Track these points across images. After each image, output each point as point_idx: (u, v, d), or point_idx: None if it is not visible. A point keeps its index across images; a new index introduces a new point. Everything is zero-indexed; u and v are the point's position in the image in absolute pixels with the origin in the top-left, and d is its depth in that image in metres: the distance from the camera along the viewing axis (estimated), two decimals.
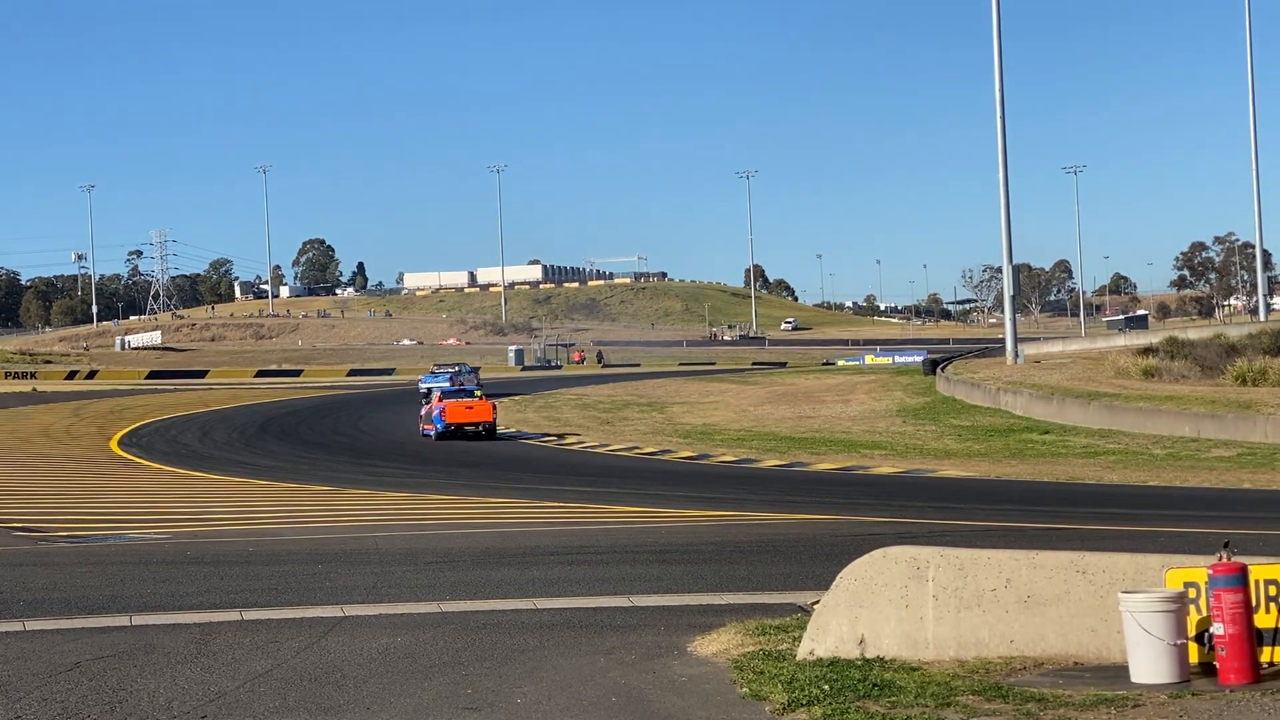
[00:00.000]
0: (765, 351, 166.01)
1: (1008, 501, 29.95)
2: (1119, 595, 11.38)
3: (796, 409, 61.30)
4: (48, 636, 14.00)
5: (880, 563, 12.39)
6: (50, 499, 31.59)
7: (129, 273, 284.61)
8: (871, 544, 14.01)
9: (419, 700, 11.37)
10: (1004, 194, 73.23)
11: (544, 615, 15.17)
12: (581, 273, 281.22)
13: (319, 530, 25.19)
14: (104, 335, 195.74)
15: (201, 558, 20.57)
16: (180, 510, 29.02)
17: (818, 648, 12.26)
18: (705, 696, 11.31)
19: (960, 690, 10.93)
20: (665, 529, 25.04)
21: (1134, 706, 10.42)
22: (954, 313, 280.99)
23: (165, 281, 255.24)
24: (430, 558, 20.53)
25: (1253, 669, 11.01)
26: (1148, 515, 26.00)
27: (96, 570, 19.31)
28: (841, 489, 33.66)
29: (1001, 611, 12.04)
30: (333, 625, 14.57)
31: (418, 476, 37.27)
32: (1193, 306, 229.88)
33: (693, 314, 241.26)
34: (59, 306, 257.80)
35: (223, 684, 11.90)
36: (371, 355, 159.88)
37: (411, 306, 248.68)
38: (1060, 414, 50.81)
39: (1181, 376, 60.59)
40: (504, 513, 28.26)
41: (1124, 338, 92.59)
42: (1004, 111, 73.06)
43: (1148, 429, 45.54)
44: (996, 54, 72.66)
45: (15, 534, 24.39)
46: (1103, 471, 36.99)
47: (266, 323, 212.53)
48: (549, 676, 12.09)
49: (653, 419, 60.41)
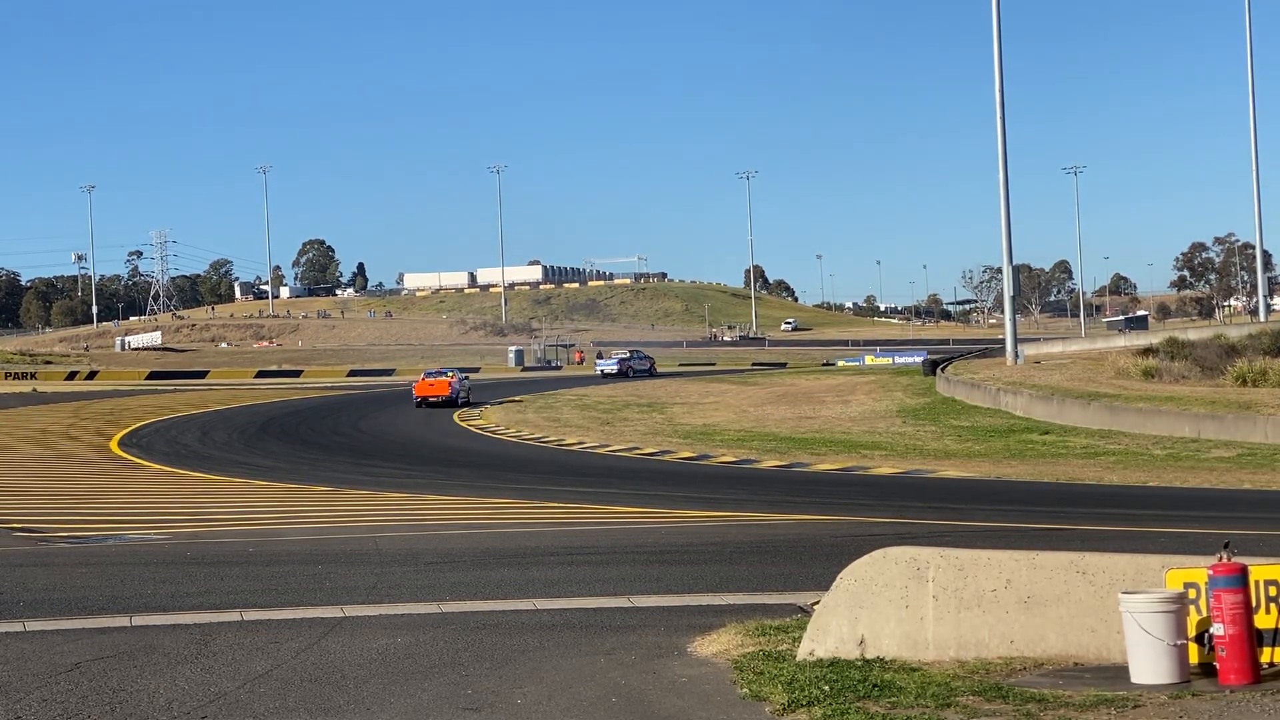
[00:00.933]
0: (765, 352, 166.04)
1: (1007, 502, 29.95)
2: (1119, 596, 11.38)
3: (796, 409, 61.27)
4: (48, 637, 14.00)
5: (880, 563, 12.39)
6: (50, 499, 31.59)
7: (129, 273, 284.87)
8: (872, 544, 14.01)
9: (419, 700, 11.37)
10: (1004, 194, 73.24)
11: (544, 616, 15.17)
12: (581, 273, 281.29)
13: (319, 530, 25.20)
14: (104, 336, 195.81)
15: (201, 558, 20.57)
16: (180, 511, 29.02)
17: (818, 648, 12.26)
18: (705, 697, 11.31)
19: (960, 691, 10.93)
20: (665, 529, 25.04)
21: (1134, 707, 10.42)
22: (954, 313, 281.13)
23: (165, 282, 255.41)
24: (430, 558, 20.53)
25: (1253, 669, 11.02)
26: (1148, 516, 26.00)
27: (96, 571, 19.31)
28: (841, 489, 33.64)
29: (1002, 612, 12.04)
30: (333, 626, 14.57)
31: (417, 477, 37.26)
32: (1193, 307, 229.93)
33: (693, 314, 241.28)
34: (59, 307, 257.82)
35: (223, 684, 11.90)
36: (371, 356, 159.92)
37: (412, 307, 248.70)
38: (1060, 414, 50.80)
39: (1181, 377, 60.57)
40: (504, 513, 28.25)
41: (1124, 338, 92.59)
42: (1004, 112, 73.08)
43: (1148, 429, 45.52)
44: (996, 54, 72.69)
45: (16, 534, 24.40)
46: (1103, 472, 36.97)
47: (267, 323, 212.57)
48: (549, 677, 12.09)
49: (653, 419, 60.38)
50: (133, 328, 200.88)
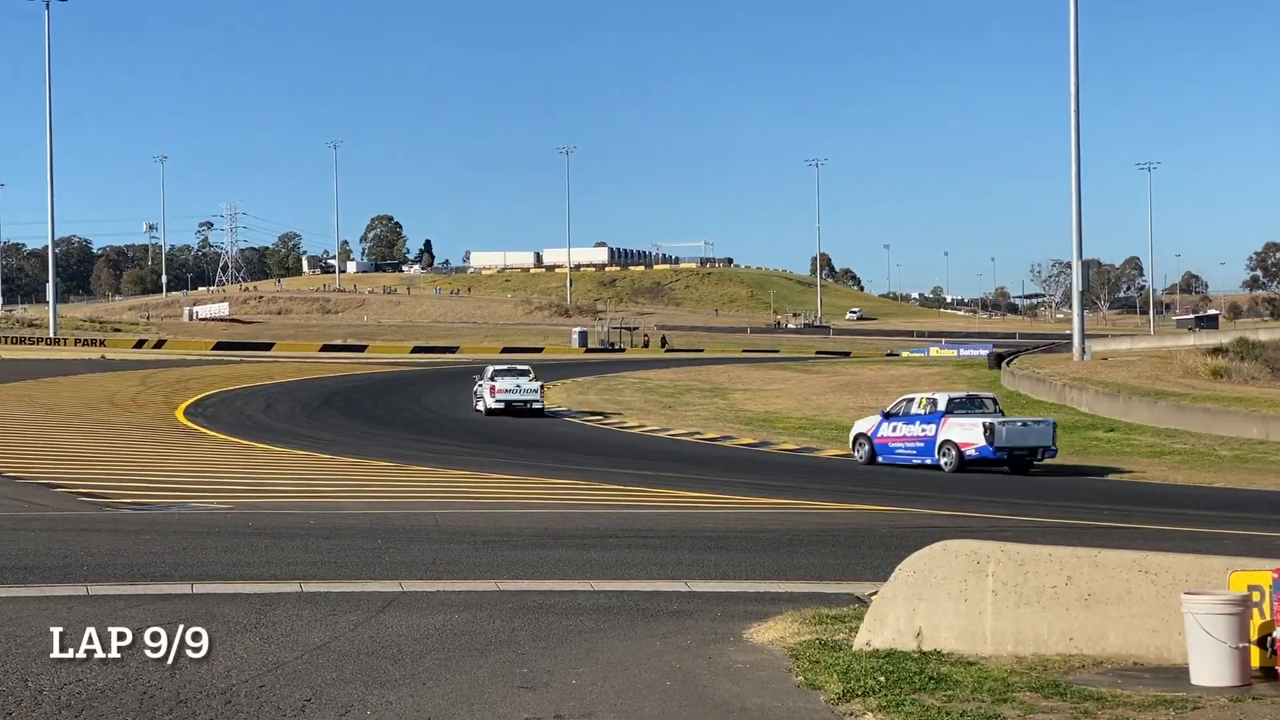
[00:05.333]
0: (829, 340, 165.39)
1: (1070, 499, 29.72)
2: (1181, 596, 11.26)
3: (859, 399, 61.02)
4: (110, 601, 14.15)
5: (940, 556, 12.32)
6: (115, 466, 31.94)
7: (199, 244, 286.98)
8: (931, 537, 13.94)
9: (475, 677, 11.40)
10: (1075, 189, 72.58)
11: (600, 597, 15.18)
12: (647, 256, 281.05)
13: (379, 505, 25.35)
14: (172, 305, 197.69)
15: (262, 529, 20.73)
16: (243, 481, 29.27)
17: (874, 639, 12.20)
18: (760, 684, 11.29)
19: (1017, 686, 10.85)
20: (724, 515, 25.03)
21: (1193, 709, 10.31)
22: (1021, 307, 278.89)
23: (234, 254, 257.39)
24: (488, 535, 20.61)
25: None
26: (1212, 517, 25.74)
27: (159, 538, 19.50)
28: (902, 481, 33.51)
29: (1061, 609, 11.94)
30: (390, 600, 14.64)
31: (477, 454, 37.40)
32: (1265, 307, 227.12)
33: (757, 301, 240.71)
34: (129, 276, 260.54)
35: (281, 654, 11.99)
36: (436, 333, 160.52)
37: (477, 285, 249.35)
38: (1126, 412, 50.35)
39: (1251, 378, 59.90)
40: (562, 493, 28.32)
41: (1193, 337, 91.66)
42: (1078, 105, 72.39)
43: (1214, 430, 45.04)
44: (1073, 52, 72.02)
45: (81, 499, 24.70)
46: (1168, 471, 36.64)
47: (333, 298, 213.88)
48: (604, 658, 12.10)
49: (714, 405, 60.35)
50: (200, 298, 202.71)
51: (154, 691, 10.61)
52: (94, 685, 10.72)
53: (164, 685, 10.80)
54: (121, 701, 10.34)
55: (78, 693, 10.53)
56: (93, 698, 10.42)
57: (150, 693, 10.57)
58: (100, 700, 10.36)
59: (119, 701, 10.33)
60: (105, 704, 10.28)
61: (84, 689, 10.62)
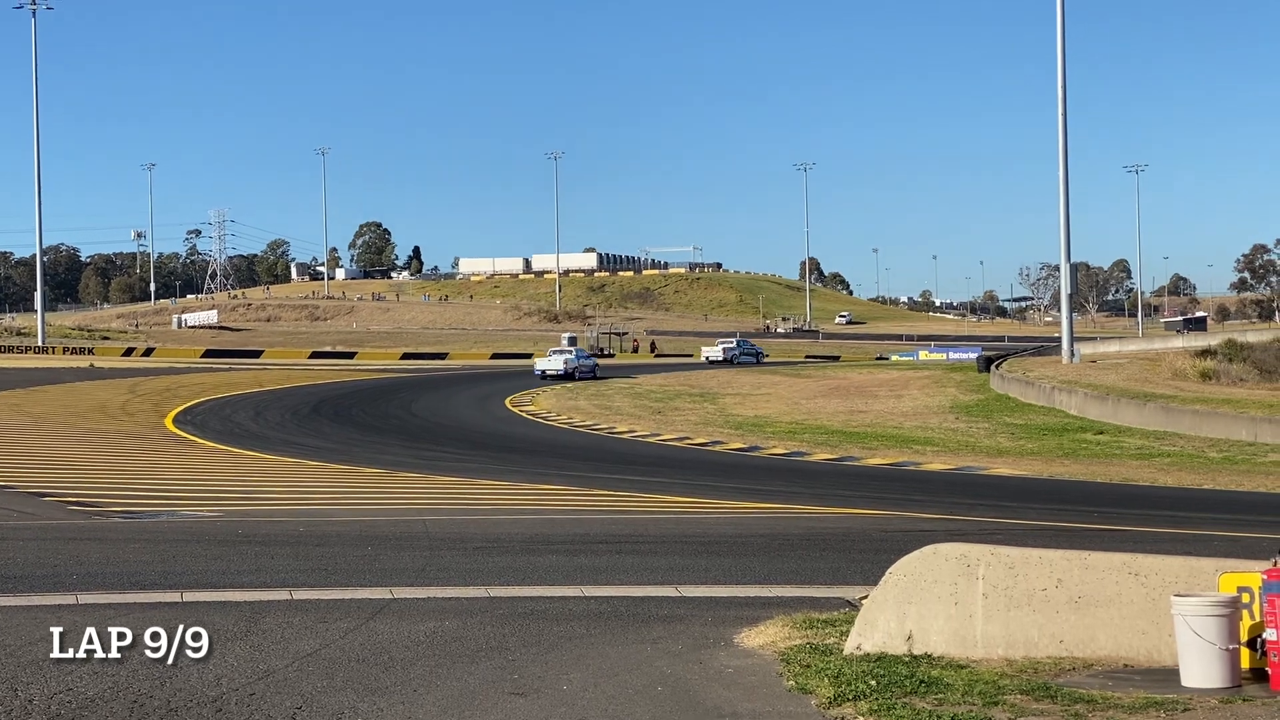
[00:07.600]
0: (819, 345, 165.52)
1: (1059, 501, 29.76)
2: (1171, 598, 11.28)
3: (849, 403, 61.10)
4: (100, 610, 14.11)
5: (930, 559, 12.33)
6: (105, 474, 31.88)
7: (187, 252, 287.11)
8: (921, 540, 13.95)
9: (466, 684, 11.40)
10: (1064, 192, 72.72)
11: (591, 603, 15.17)
12: (637, 262, 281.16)
13: (369, 512, 25.32)
14: (161, 313, 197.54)
15: (252, 536, 20.69)
16: (232, 489, 29.23)
17: (865, 643, 12.21)
18: (751, 688, 11.29)
19: (1008, 689, 10.86)
20: (714, 520, 25.02)
21: (1184, 710, 10.33)
22: (1010, 310, 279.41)
23: (223, 261, 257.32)
24: (479, 542, 20.58)
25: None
26: (1201, 519, 25.79)
27: (149, 546, 19.46)
28: (892, 484, 33.53)
29: (1052, 611, 11.95)
30: (381, 607, 14.62)
31: (467, 461, 37.38)
32: (1253, 309, 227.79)
33: (747, 305, 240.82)
34: (118, 284, 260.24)
35: (271, 662, 11.97)
36: (425, 339, 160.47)
37: (466, 292, 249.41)
38: (1115, 414, 50.43)
39: (1240, 379, 60.02)
40: (553, 499, 28.30)
41: (1182, 339, 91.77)
42: (1066, 108, 72.60)
43: (1203, 432, 45.12)
44: (1060, 55, 72.15)
45: (70, 508, 24.66)
46: (1157, 473, 36.69)
47: (322, 305, 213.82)
48: (595, 664, 12.09)
49: (704, 410, 60.34)
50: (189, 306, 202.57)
51: (144, 700, 10.59)
52: (84, 694, 10.70)
53: (154, 694, 10.79)
54: (112, 710, 10.32)
55: (68, 701, 10.51)
56: (83, 706, 10.40)
57: (141, 701, 10.56)
58: (90, 709, 10.34)
59: (109, 710, 10.32)
60: (95, 713, 10.26)
61: (74, 698, 10.60)
